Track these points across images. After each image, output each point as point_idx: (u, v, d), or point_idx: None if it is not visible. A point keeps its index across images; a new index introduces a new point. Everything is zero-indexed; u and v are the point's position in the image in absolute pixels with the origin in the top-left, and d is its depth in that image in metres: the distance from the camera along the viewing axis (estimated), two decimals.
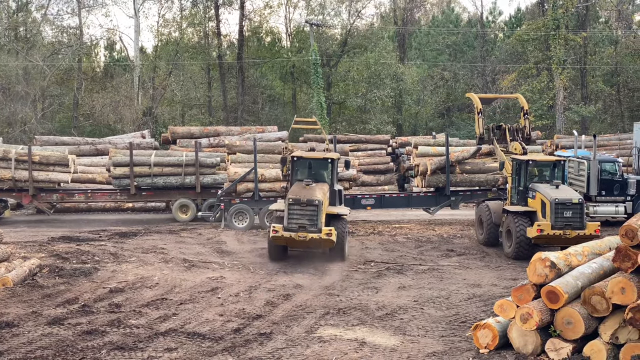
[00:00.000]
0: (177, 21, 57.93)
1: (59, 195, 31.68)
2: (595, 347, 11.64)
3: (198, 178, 30.80)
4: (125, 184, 30.93)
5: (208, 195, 31.15)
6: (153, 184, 30.98)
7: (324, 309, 15.70)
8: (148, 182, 30.96)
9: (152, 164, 30.83)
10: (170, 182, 31.01)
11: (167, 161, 31.17)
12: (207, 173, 31.20)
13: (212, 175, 31.29)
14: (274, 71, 59.12)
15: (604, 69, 56.48)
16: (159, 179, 30.93)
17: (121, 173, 30.86)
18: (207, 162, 31.19)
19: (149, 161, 30.96)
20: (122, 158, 31.06)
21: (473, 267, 21.08)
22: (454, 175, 29.35)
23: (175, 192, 31.34)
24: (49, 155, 31.19)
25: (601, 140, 37.90)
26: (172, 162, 31.15)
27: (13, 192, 31.23)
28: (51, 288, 17.46)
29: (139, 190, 31.10)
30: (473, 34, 61.96)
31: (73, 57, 51.47)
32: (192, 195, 31.16)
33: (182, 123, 53.04)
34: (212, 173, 31.34)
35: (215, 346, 12.82)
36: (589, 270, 12.58)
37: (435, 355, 12.43)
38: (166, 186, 31.09)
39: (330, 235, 20.56)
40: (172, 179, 30.97)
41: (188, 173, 30.92)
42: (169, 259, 21.53)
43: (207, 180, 31.09)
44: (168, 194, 31.56)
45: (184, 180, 30.91)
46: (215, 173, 31.46)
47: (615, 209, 28.02)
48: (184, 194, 31.29)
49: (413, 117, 59.60)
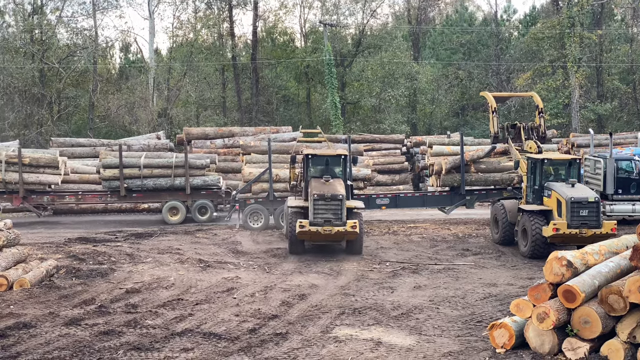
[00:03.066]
0: (191, 22, 58.12)
1: (49, 197, 31.62)
2: (613, 346, 11.58)
3: (188, 180, 30.71)
4: (115, 185, 30.88)
5: (198, 196, 31.09)
6: (143, 185, 30.87)
7: (340, 309, 15.70)
8: (138, 184, 30.86)
9: (142, 166, 30.74)
10: (160, 184, 30.89)
11: (157, 163, 31.04)
12: (196, 175, 31.05)
13: (202, 177, 31.15)
14: (288, 71, 59.15)
15: (619, 67, 56.12)
16: (149, 180, 30.84)
17: (111, 175, 30.81)
18: (196, 164, 31.04)
19: (138, 163, 30.84)
20: (111, 160, 30.95)
21: (489, 267, 21.01)
22: (468, 174, 29.26)
23: (165, 193, 31.18)
24: (39, 157, 31.20)
25: (618, 139, 37.64)
26: (162, 163, 31.00)
27: (4, 194, 31.21)
28: (68, 289, 17.56)
29: (129, 192, 30.95)
30: (487, 33, 61.72)
31: (88, 59, 51.70)
32: (182, 197, 31.02)
33: (196, 124, 53.15)
34: (201, 175, 31.18)
35: (231, 346, 12.85)
36: (606, 269, 12.51)
37: (451, 355, 12.40)
38: (156, 188, 30.96)
39: (355, 227, 21.67)
40: (162, 181, 30.86)
41: (178, 175, 30.81)
42: (185, 260, 21.60)
43: (197, 182, 30.98)
44: (158, 195, 31.43)
45: (174, 182, 30.81)
46: (205, 175, 31.31)
47: (632, 208, 27.82)
48: (173, 195, 31.11)
49: (427, 117, 59.48)
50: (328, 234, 21.76)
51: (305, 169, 23.96)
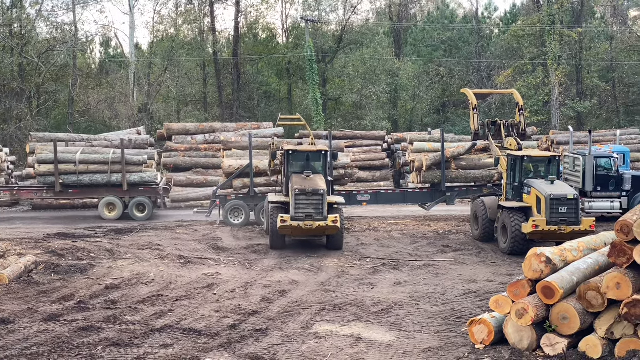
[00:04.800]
0: (172, 17, 57.82)
1: None
2: (591, 342, 11.67)
3: (125, 176, 30.27)
4: (50, 181, 30.42)
5: (136, 193, 30.66)
6: (79, 181, 30.34)
7: (320, 305, 15.72)
8: (74, 179, 30.32)
9: (78, 162, 30.23)
10: (97, 180, 30.36)
11: (93, 159, 30.57)
12: (134, 171, 30.62)
13: (139, 173, 30.72)
14: (270, 67, 59.02)
15: (599, 65, 56.48)
16: (85, 176, 30.28)
17: (46, 170, 30.33)
18: (134, 160, 30.58)
19: (74, 159, 30.34)
20: (47, 155, 30.41)
21: (469, 263, 21.11)
22: (449, 171, 29.35)
23: (102, 189, 30.64)
24: None
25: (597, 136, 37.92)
26: (98, 159, 30.53)
27: None
28: (47, 285, 17.45)
29: (64, 188, 30.43)
30: (468, 30, 61.90)
31: (68, 53, 51.26)
32: (119, 193, 30.54)
33: (177, 120, 52.87)
34: (139, 171, 30.76)
35: (211, 342, 12.83)
36: (585, 266, 12.61)
37: (431, 351, 12.45)
38: (92, 184, 30.46)
39: (335, 222, 21.91)
40: (99, 177, 30.35)
41: (115, 171, 30.37)
42: (165, 256, 21.52)
43: (135, 178, 30.50)
44: (95, 191, 30.87)
45: (111, 178, 30.31)
46: (143, 171, 30.92)
47: (611, 205, 28.06)
48: (111, 191, 30.61)
49: (409, 113, 59.57)
50: (309, 228, 21.94)
51: (286, 164, 24.21)
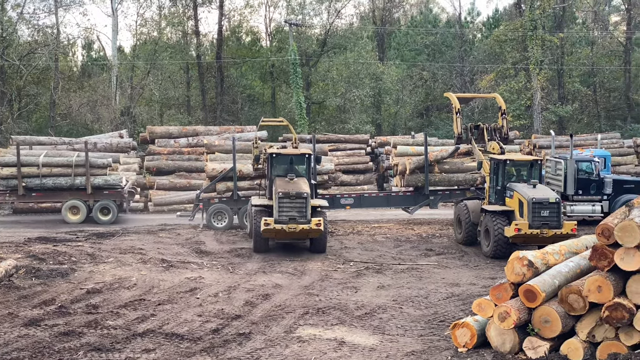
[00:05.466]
0: (155, 20, 57.57)
1: None
2: (573, 345, 11.73)
3: (89, 179, 30.11)
4: (13, 184, 30.21)
5: (100, 196, 30.46)
6: (42, 184, 30.19)
7: (303, 308, 15.70)
8: (37, 182, 30.15)
9: (41, 165, 30.05)
10: (60, 183, 30.22)
11: (57, 162, 30.41)
12: (98, 174, 30.46)
13: (104, 176, 30.54)
14: (254, 71, 58.91)
15: (580, 70, 56.91)
16: (49, 179, 30.15)
17: (9, 173, 30.14)
18: (98, 163, 30.43)
19: (37, 162, 30.17)
20: (10, 158, 30.24)
21: (452, 267, 21.17)
22: (432, 174, 29.43)
23: (65, 193, 30.43)
24: None
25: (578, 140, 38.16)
26: (62, 162, 30.37)
27: None
28: (28, 289, 17.31)
29: (28, 191, 30.25)
30: (451, 35, 62.14)
31: (50, 56, 50.91)
32: (83, 196, 30.34)
33: (160, 123, 52.63)
34: (103, 174, 30.59)
35: (193, 347, 12.78)
36: (566, 269, 12.67)
37: (414, 354, 12.46)
38: (56, 187, 30.31)
39: (319, 225, 21.96)
40: (62, 180, 30.19)
41: (78, 174, 30.20)
42: (147, 260, 21.42)
43: (99, 181, 30.35)
44: (59, 195, 30.66)
45: (74, 181, 30.16)
46: (107, 174, 30.74)
47: (592, 208, 28.24)
48: (75, 195, 30.40)
49: (392, 117, 59.65)
50: (293, 231, 21.98)
51: (269, 167, 24.27)
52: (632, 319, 11.27)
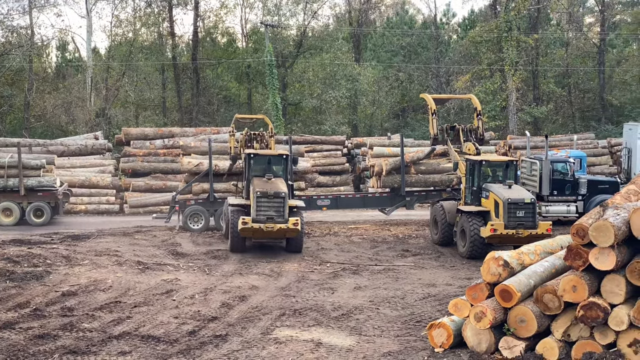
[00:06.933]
0: (130, 21, 57.22)
1: None
2: (548, 344, 11.82)
3: (22, 180, 29.54)
4: None
5: (34, 198, 29.85)
6: None
7: (280, 310, 15.68)
8: None
9: None
10: None
11: None
12: (31, 175, 29.86)
13: (37, 177, 29.94)
14: (230, 72, 58.72)
15: (555, 71, 57.42)
16: None
17: None
18: (31, 164, 29.81)
19: None
20: None
21: (428, 267, 21.25)
22: (409, 175, 29.47)
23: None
24: None
25: (553, 141, 38.46)
26: None
27: None
28: (2, 292, 17.13)
29: None
30: (427, 36, 62.39)
31: (24, 57, 50.40)
32: (16, 198, 29.71)
33: (136, 124, 52.24)
34: (37, 175, 29.97)
35: (170, 349, 12.71)
36: (541, 269, 12.77)
37: (390, 355, 12.49)
38: None
39: (296, 225, 22.08)
40: None
41: (11, 175, 29.62)
42: (123, 262, 21.28)
43: (32, 182, 29.74)
44: None
45: (7, 182, 29.53)
46: (41, 175, 30.10)
47: (567, 209, 28.45)
48: (7, 197, 29.70)
49: (368, 118, 59.76)
50: (270, 230, 22.06)
51: (247, 168, 24.36)
52: (607, 318, 11.38)
